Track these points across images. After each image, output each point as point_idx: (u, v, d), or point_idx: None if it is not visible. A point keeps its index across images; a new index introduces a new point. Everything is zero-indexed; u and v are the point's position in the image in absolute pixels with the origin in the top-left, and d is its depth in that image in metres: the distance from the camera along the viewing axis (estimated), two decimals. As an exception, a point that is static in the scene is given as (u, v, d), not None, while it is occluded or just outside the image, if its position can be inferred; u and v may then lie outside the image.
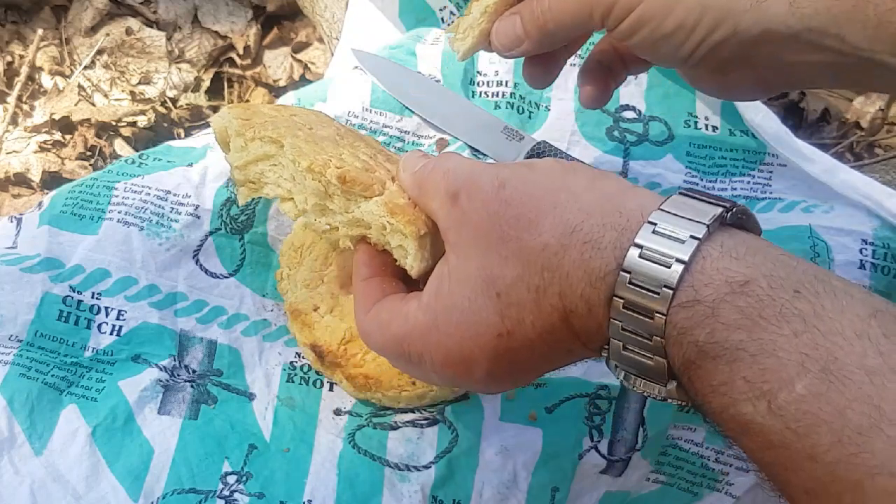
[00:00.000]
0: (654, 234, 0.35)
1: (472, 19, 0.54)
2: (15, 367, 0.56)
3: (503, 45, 0.53)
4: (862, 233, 0.67)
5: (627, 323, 0.35)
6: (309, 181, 0.49)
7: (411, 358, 0.43)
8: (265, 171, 0.51)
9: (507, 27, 0.53)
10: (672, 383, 0.36)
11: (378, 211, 0.48)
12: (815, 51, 0.45)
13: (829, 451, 0.29)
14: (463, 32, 0.55)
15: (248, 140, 0.51)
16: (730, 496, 0.62)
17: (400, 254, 0.47)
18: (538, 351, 0.40)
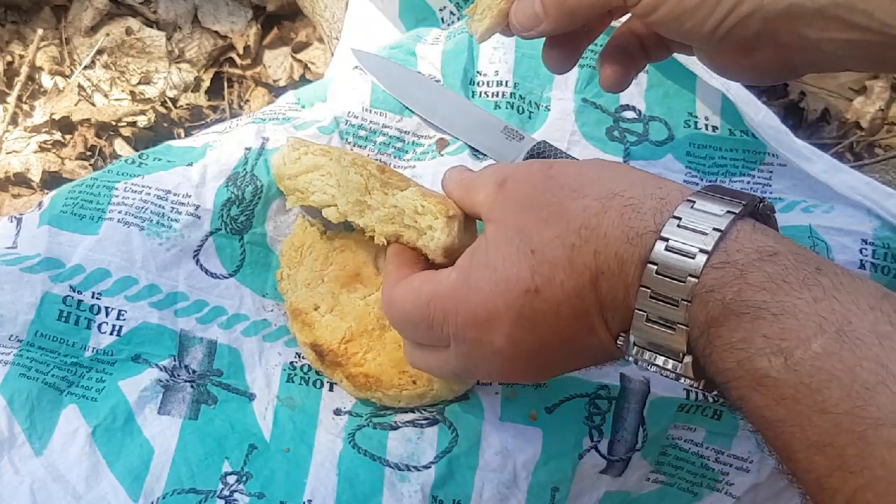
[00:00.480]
0: (693, 210, 0.37)
1: (489, 0, 0.54)
2: (15, 367, 0.56)
3: (522, 25, 0.53)
4: (862, 233, 0.67)
5: (658, 287, 0.37)
6: (352, 175, 0.56)
7: (434, 321, 0.44)
8: (314, 180, 0.59)
9: (526, 6, 0.52)
10: (688, 358, 0.37)
11: (412, 195, 0.55)
12: (843, 28, 0.43)
13: (838, 405, 0.31)
14: (481, 13, 0.54)
15: (301, 154, 0.60)
16: (730, 496, 0.62)
17: (428, 239, 0.53)
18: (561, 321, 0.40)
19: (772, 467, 0.62)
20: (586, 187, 0.41)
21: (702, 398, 0.60)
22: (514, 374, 0.47)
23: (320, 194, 0.59)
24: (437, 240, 0.54)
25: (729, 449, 0.62)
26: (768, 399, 0.33)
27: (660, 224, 0.38)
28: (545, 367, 0.44)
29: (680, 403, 0.59)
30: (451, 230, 0.53)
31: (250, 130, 0.67)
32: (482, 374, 0.48)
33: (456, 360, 0.46)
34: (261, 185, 0.64)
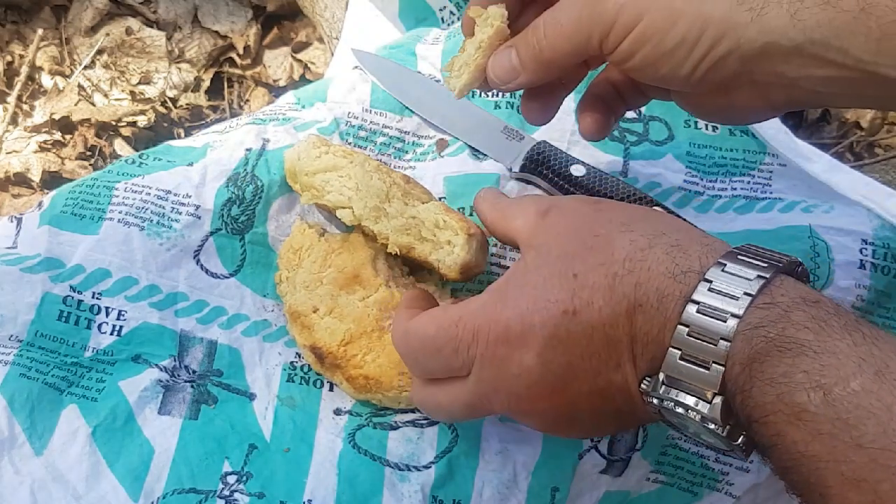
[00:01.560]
0: (738, 259, 0.39)
1: (466, 56, 0.53)
2: (15, 367, 0.56)
3: (500, 79, 0.53)
4: (862, 233, 0.67)
5: (698, 325, 0.37)
6: (374, 181, 0.58)
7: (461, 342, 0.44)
8: (331, 180, 0.60)
9: (502, 60, 0.52)
10: (718, 399, 0.38)
11: (434, 209, 0.58)
12: (819, 65, 0.44)
13: (874, 441, 0.32)
14: (458, 70, 0.54)
15: (322, 153, 0.61)
16: (730, 496, 0.62)
17: (445, 254, 0.56)
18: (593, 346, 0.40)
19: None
20: (634, 223, 0.42)
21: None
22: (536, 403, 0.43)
23: (336, 195, 0.60)
24: (455, 255, 0.56)
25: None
26: (805, 433, 0.34)
27: (705, 266, 0.39)
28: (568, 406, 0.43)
29: (680, 403, 0.59)
30: (471, 248, 0.56)
31: (251, 131, 0.67)
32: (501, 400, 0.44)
33: (474, 388, 0.44)
34: (261, 185, 0.64)
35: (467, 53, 0.53)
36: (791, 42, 0.43)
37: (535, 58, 0.50)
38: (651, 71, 0.48)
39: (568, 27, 0.48)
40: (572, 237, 0.43)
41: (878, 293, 0.65)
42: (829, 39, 0.42)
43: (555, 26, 0.49)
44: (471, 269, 0.58)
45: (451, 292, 0.64)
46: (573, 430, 0.46)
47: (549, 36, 0.49)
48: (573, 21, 0.48)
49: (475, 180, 0.68)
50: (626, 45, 0.47)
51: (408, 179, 0.62)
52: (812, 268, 0.66)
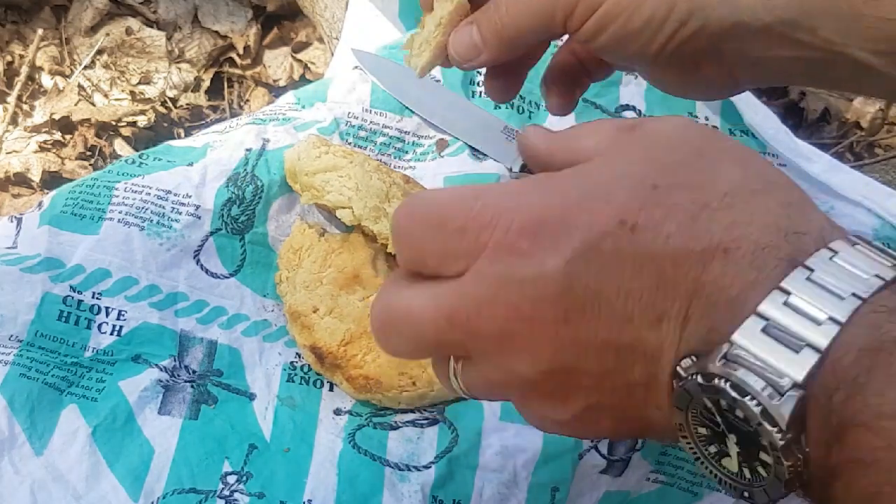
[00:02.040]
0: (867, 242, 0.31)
1: (426, 33, 0.52)
2: (15, 367, 0.56)
3: (461, 56, 0.50)
4: (862, 233, 0.66)
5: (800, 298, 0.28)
6: (374, 181, 0.58)
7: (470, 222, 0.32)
8: (331, 180, 0.60)
9: (463, 37, 0.50)
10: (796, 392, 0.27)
11: None
12: (787, 45, 0.43)
13: None
14: (419, 48, 0.52)
15: (322, 153, 0.61)
16: (730, 496, 0.62)
17: None
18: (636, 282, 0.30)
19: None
20: (750, 163, 0.33)
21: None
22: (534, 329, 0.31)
23: (336, 195, 0.60)
24: None
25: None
26: None
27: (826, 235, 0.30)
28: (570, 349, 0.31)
29: (680, 403, 0.59)
30: None
31: (251, 131, 0.67)
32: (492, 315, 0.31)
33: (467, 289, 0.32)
34: (261, 185, 0.64)
35: (427, 31, 0.51)
36: (760, 22, 0.42)
37: (497, 35, 0.48)
38: (617, 50, 0.47)
39: (531, 4, 0.47)
40: (666, 148, 0.33)
41: (878, 293, 0.65)
42: (799, 20, 0.41)
43: (517, 3, 0.47)
44: None
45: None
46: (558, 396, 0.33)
47: (511, 13, 0.47)
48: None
49: (475, 180, 0.68)
50: (591, 24, 0.45)
51: (408, 179, 0.62)
52: (812, 268, 0.65)
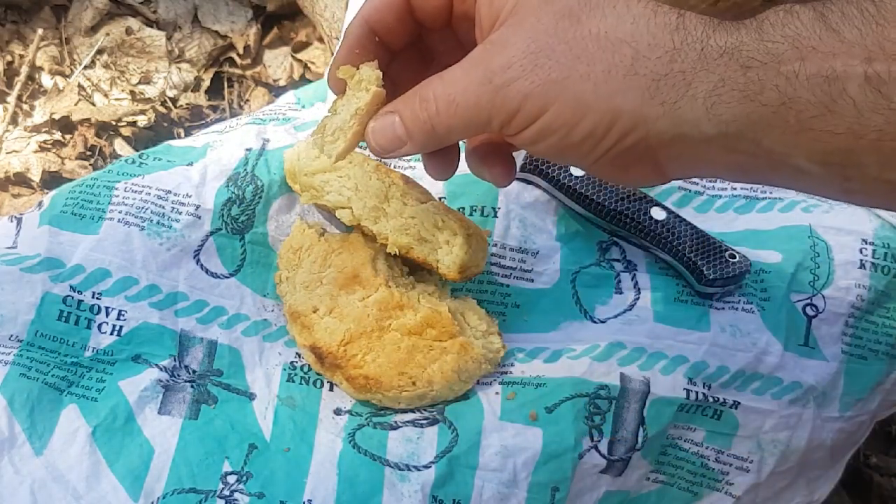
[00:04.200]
0: None
1: (340, 121, 0.49)
2: (15, 367, 0.56)
3: (383, 148, 0.48)
4: (862, 232, 0.67)
5: None
6: (373, 181, 0.58)
7: None
8: (330, 180, 0.60)
9: (385, 128, 0.48)
10: None
11: (433, 209, 0.57)
12: (727, 152, 0.42)
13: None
14: (333, 135, 0.49)
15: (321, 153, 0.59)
16: (730, 496, 0.62)
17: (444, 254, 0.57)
18: None
19: (772, 467, 0.62)
20: None
21: (702, 398, 0.60)
22: None
23: (336, 195, 0.60)
24: (454, 255, 0.57)
25: (729, 449, 0.62)
26: None
27: None
28: None
29: (680, 403, 0.59)
30: (470, 248, 0.57)
31: (251, 131, 0.67)
32: None
33: None
34: (261, 185, 0.64)
35: (341, 118, 0.49)
36: (702, 135, 0.41)
37: (424, 132, 0.46)
38: (554, 158, 0.47)
39: (464, 109, 0.44)
40: None
41: (878, 293, 0.65)
42: (743, 132, 0.40)
43: (449, 105, 0.44)
44: (469, 269, 0.59)
45: (451, 292, 0.64)
46: None
47: (442, 114, 0.45)
48: (471, 104, 0.44)
49: (475, 180, 0.68)
50: (529, 134, 0.44)
51: (407, 179, 0.62)
52: (812, 268, 0.66)
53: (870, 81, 0.36)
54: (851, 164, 0.38)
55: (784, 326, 0.63)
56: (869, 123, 0.36)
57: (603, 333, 0.63)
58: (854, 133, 0.37)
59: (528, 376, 0.60)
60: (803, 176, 0.40)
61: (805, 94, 0.37)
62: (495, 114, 0.44)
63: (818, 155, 0.39)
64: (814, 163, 0.39)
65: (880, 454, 0.83)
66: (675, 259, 0.65)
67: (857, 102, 0.36)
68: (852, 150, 0.37)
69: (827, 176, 0.40)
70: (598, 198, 0.66)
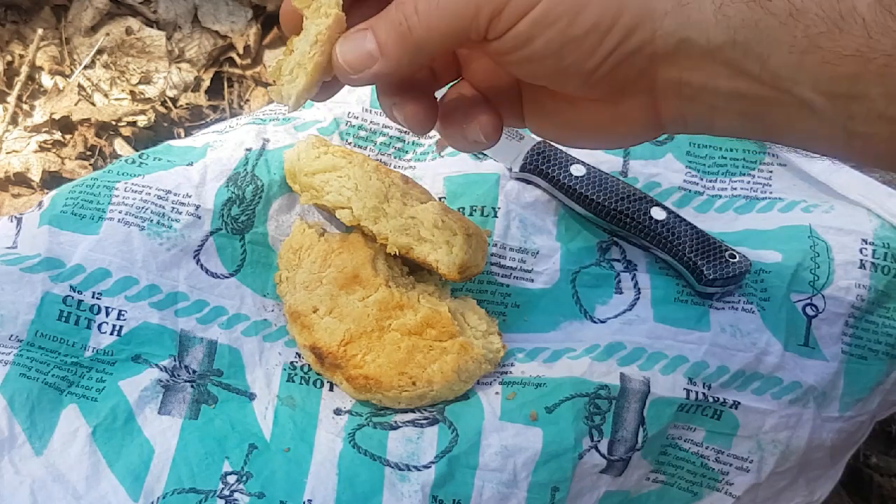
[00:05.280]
0: None
1: (299, 55, 0.43)
2: (15, 367, 0.56)
3: (352, 66, 0.42)
4: (862, 233, 0.67)
5: None
6: (374, 181, 0.58)
7: None
8: (330, 180, 0.60)
9: (355, 43, 0.42)
10: None
11: (433, 209, 0.57)
12: (731, 74, 0.39)
13: None
14: (290, 73, 0.44)
15: (321, 153, 0.61)
16: (730, 496, 0.62)
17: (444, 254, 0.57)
18: None
19: (772, 467, 0.62)
20: None
21: (702, 398, 0.60)
22: None
23: (335, 195, 0.60)
24: (454, 255, 0.57)
25: (729, 449, 0.62)
26: None
27: None
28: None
29: (680, 403, 0.59)
30: (469, 248, 0.57)
31: (251, 131, 0.67)
32: None
33: None
34: (261, 185, 0.64)
35: (300, 52, 0.43)
36: (709, 42, 0.38)
37: (401, 39, 0.40)
38: (550, 62, 0.40)
39: (448, 0, 0.39)
40: None
41: (878, 293, 0.65)
42: (751, 43, 0.38)
43: (430, 1, 0.39)
44: (469, 269, 0.59)
45: (451, 292, 0.64)
46: None
47: (421, 11, 0.39)
48: None
49: (475, 180, 0.69)
50: (523, 27, 0.39)
51: (406, 180, 0.62)
52: (812, 268, 0.66)
53: (880, 1, 0.35)
54: (857, 94, 0.36)
55: (784, 326, 0.63)
56: (878, 46, 0.35)
57: (603, 333, 0.63)
58: (862, 56, 0.35)
59: (528, 376, 0.60)
60: (807, 112, 0.38)
61: (814, 7, 0.36)
62: (485, 2, 0.38)
63: (824, 83, 0.37)
64: (819, 93, 0.37)
65: (880, 454, 0.83)
66: (675, 259, 0.65)
67: (867, 21, 0.35)
68: (859, 77, 0.36)
69: (831, 110, 0.37)
70: (598, 198, 0.66)
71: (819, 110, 0.37)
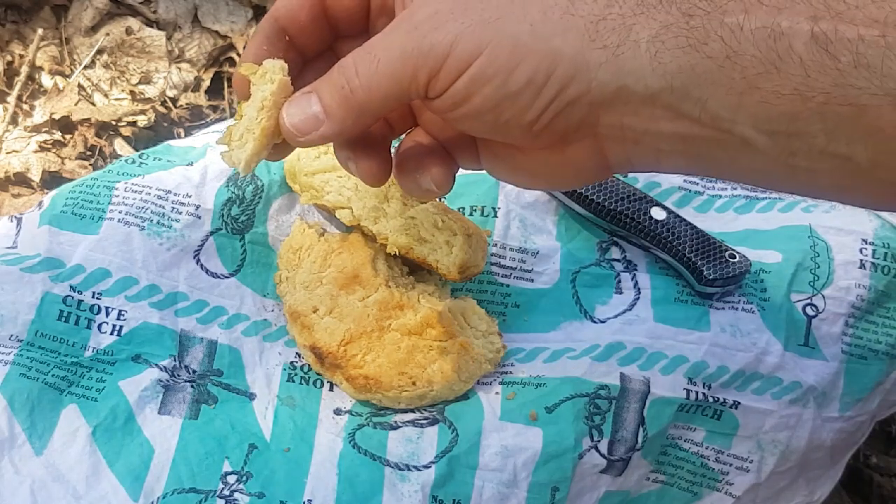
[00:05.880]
0: None
1: (248, 120, 0.44)
2: (15, 367, 0.56)
3: (298, 129, 0.43)
4: (862, 232, 0.67)
5: None
6: None
7: None
8: (330, 180, 0.60)
9: (300, 107, 0.43)
10: None
11: (432, 209, 0.57)
12: (671, 117, 0.39)
13: None
14: (239, 139, 0.44)
15: (322, 153, 0.61)
16: (730, 496, 0.62)
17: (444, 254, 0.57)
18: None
19: (772, 467, 0.62)
20: None
21: (702, 398, 0.60)
22: None
23: (335, 195, 0.60)
24: (454, 255, 0.57)
25: (729, 449, 0.62)
26: None
27: None
28: None
29: (680, 403, 0.59)
30: (469, 248, 0.57)
31: (250, 130, 0.67)
32: None
33: None
34: (261, 185, 0.65)
35: (248, 118, 0.44)
36: (647, 89, 0.38)
37: (344, 101, 0.41)
38: (490, 117, 0.40)
39: (387, 63, 0.40)
40: None
41: (878, 293, 0.65)
42: (689, 88, 0.37)
43: (370, 62, 0.40)
44: (469, 269, 0.59)
45: (451, 292, 0.64)
46: None
47: (362, 74, 0.40)
48: (395, 56, 0.39)
49: (475, 180, 0.69)
50: (461, 86, 0.39)
51: None
52: (812, 268, 0.66)
53: (816, 40, 0.35)
54: (798, 132, 0.36)
55: (784, 326, 0.63)
56: (815, 85, 0.35)
57: (603, 333, 0.63)
58: (800, 95, 0.35)
59: (528, 376, 0.60)
60: (749, 150, 0.38)
61: (750, 48, 0.36)
62: (422, 63, 0.39)
63: (764, 122, 0.37)
64: (760, 132, 0.37)
65: (880, 454, 0.83)
66: (675, 259, 0.65)
67: (804, 60, 0.35)
68: (798, 116, 0.36)
69: (773, 148, 0.37)
70: (598, 198, 0.66)
71: (761, 148, 0.38)
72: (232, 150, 0.44)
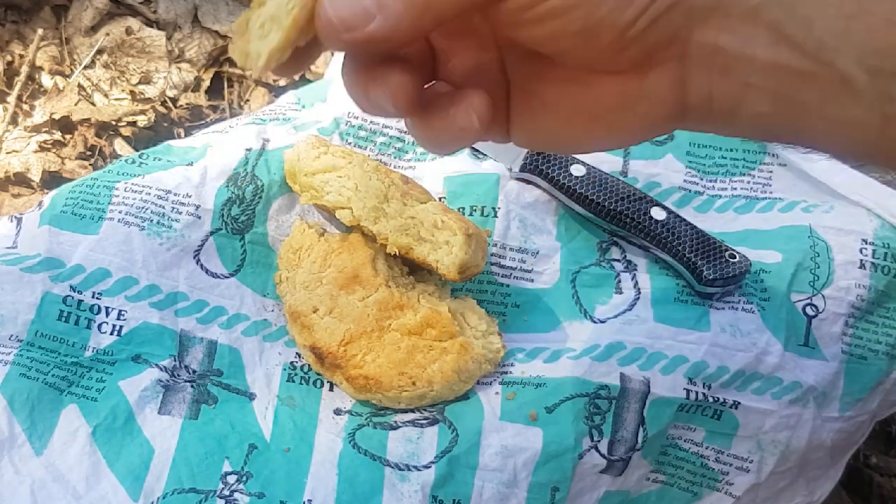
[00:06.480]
0: None
1: (274, 6, 0.34)
2: (15, 367, 0.56)
3: (343, 21, 0.33)
4: (862, 233, 0.67)
5: None
6: (374, 181, 0.58)
7: None
8: (330, 180, 0.60)
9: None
10: None
11: (433, 209, 0.58)
12: (770, 41, 0.35)
13: None
14: (261, 28, 0.35)
15: (321, 153, 0.61)
16: (730, 496, 0.62)
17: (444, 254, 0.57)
18: None
19: (772, 467, 0.62)
20: None
21: (702, 398, 0.60)
22: None
23: (335, 195, 0.60)
24: (454, 255, 0.56)
25: (729, 449, 0.62)
26: None
27: None
28: None
29: (680, 403, 0.59)
30: (469, 248, 0.57)
31: (251, 131, 0.67)
32: None
33: None
34: (261, 185, 0.64)
35: (275, 3, 0.34)
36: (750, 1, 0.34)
37: None
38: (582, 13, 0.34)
39: None
40: None
41: (878, 293, 0.65)
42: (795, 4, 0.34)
43: None
44: (469, 269, 0.59)
45: (451, 292, 0.64)
46: None
47: None
48: None
49: (475, 180, 0.69)
50: None
51: (406, 180, 0.62)
52: (812, 268, 0.66)
53: None
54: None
55: (784, 326, 0.63)
56: None
57: (603, 333, 0.63)
58: None
59: (528, 376, 0.60)
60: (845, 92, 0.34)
61: None
62: None
63: (869, 54, 0.33)
64: (862, 67, 0.34)
65: (880, 454, 0.83)
66: (675, 259, 0.65)
67: None
68: None
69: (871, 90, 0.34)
70: (598, 198, 0.66)
71: (860, 89, 0.34)
72: (250, 40, 0.35)
